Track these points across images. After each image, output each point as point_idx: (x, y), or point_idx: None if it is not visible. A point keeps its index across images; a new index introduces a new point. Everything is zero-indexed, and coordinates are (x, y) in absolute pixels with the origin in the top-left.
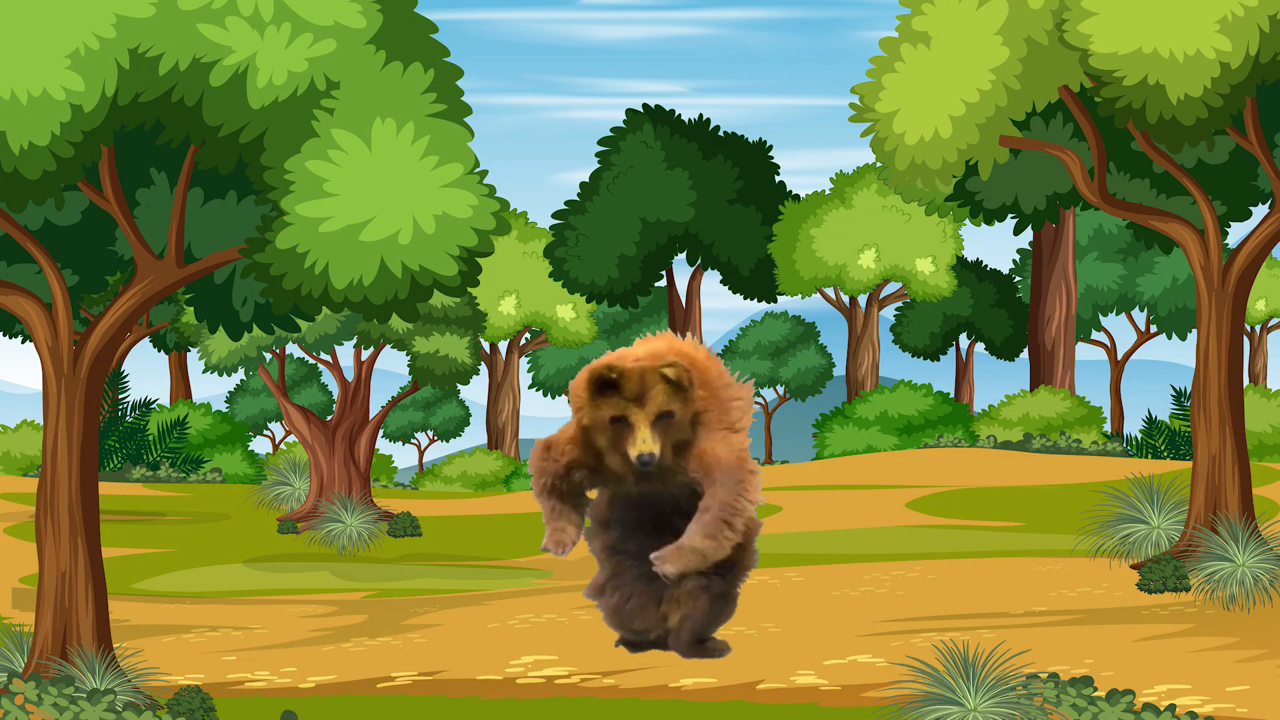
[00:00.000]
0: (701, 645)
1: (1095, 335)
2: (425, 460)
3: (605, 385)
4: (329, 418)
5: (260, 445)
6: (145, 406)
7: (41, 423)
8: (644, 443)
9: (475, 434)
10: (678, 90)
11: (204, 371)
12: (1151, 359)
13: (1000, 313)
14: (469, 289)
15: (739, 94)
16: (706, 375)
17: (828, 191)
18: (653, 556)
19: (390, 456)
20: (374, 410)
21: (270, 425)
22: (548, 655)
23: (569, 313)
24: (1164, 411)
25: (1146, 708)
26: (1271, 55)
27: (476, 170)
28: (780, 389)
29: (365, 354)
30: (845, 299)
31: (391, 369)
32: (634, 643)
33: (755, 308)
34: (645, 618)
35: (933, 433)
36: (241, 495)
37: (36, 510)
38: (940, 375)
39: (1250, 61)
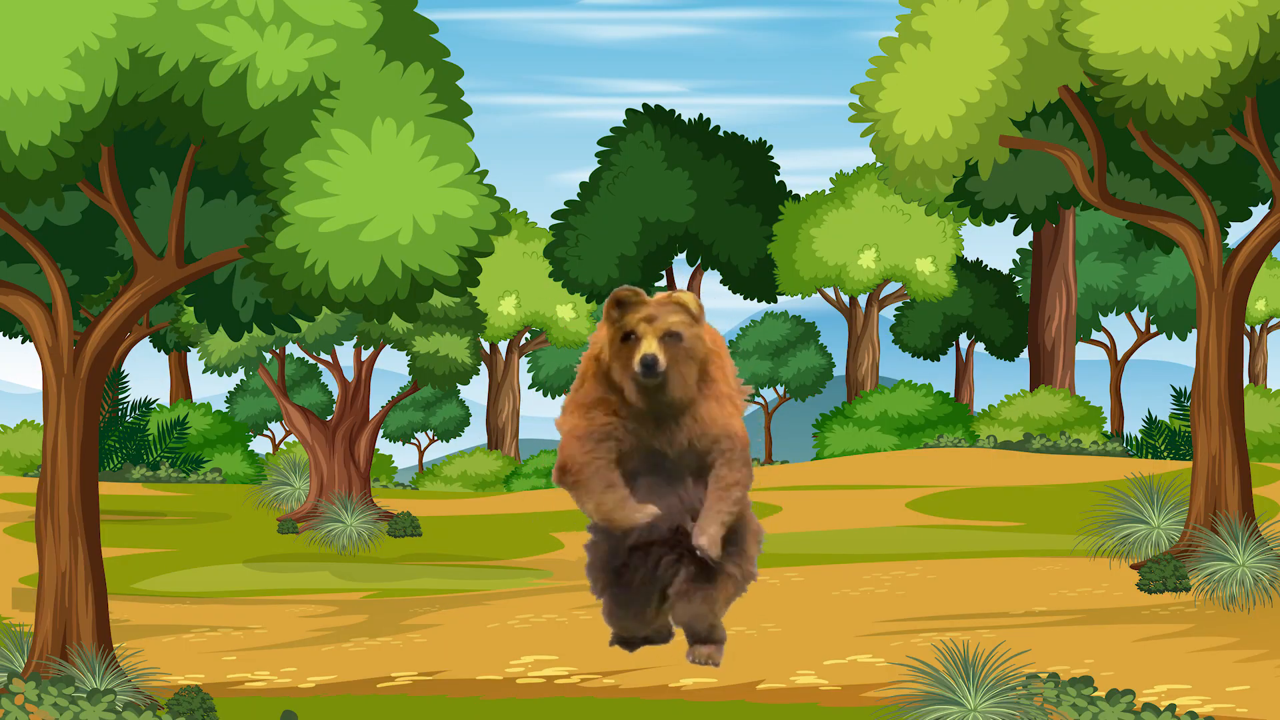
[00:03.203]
0: (703, 645)
1: (1095, 335)
2: (425, 460)
3: (624, 303)
4: (329, 418)
5: (260, 445)
6: (145, 406)
7: (41, 423)
8: (648, 347)
9: (475, 434)
10: (678, 90)
11: (204, 371)
12: (1151, 359)
13: (1000, 313)
14: (469, 289)
15: (739, 94)
16: (718, 342)
17: (828, 191)
18: (696, 542)
19: (390, 456)
20: (374, 410)
21: (270, 425)
22: (548, 655)
23: (569, 313)
24: (1164, 411)
25: (1146, 708)
26: (1271, 55)
27: (476, 170)
28: (780, 389)
29: (365, 354)
30: (845, 299)
31: (391, 369)
32: (628, 640)
33: (755, 308)
34: (643, 615)
35: (933, 433)
36: (241, 495)
37: (36, 510)
38: (940, 375)
39: (1250, 61)
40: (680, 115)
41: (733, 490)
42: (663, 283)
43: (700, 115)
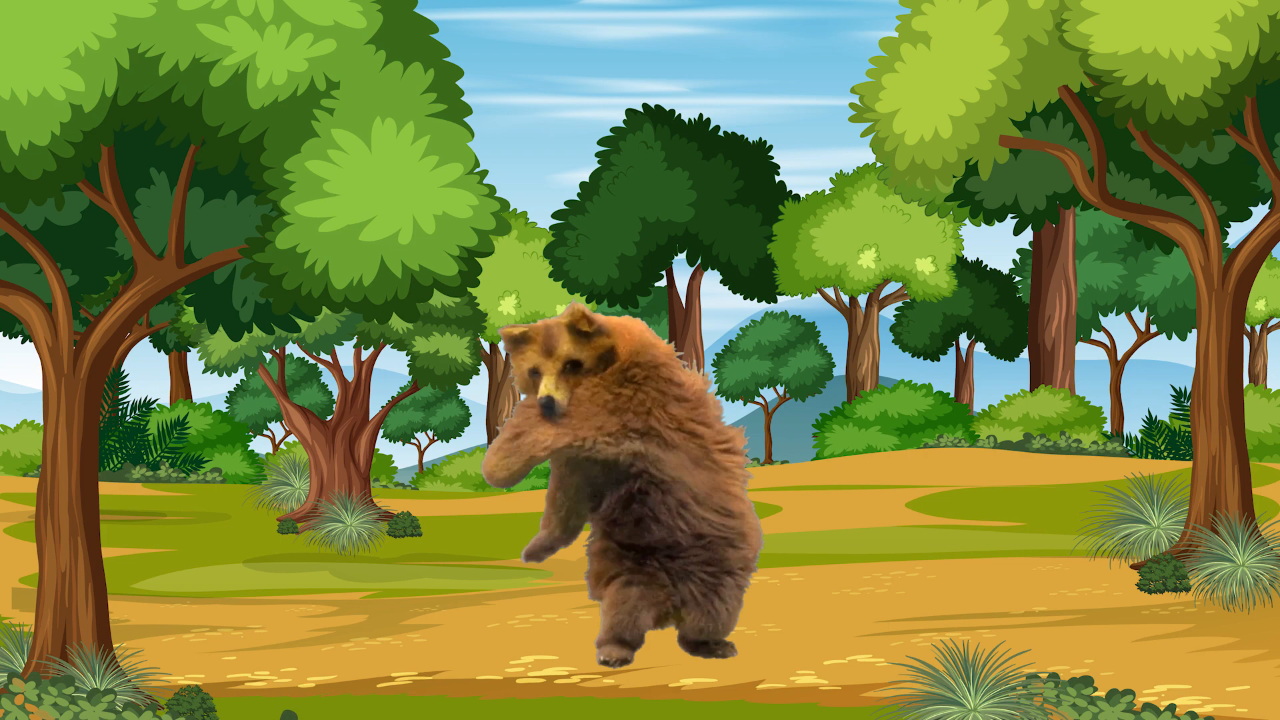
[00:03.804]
0: (707, 646)
1: (1095, 335)
2: (425, 460)
3: (516, 340)
4: (329, 418)
5: (260, 445)
6: (145, 406)
7: (41, 423)
8: (543, 387)
9: (475, 434)
10: (678, 90)
11: (204, 371)
12: (1151, 359)
13: (1000, 313)
14: (469, 289)
15: (739, 94)
16: (632, 336)
17: (828, 191)
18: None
19: (390, 456)
20: (374, 410)
21: (270, 425)
22: (548, 655)
23: None
24: (1164, 411)
25: (1146, 708)
26: (1271, 55)
27: (476, 170)
28: (780, 389)
29: (365, 354)
30: (845, 299)
31: (391, 369)
32: (616, 660)
33: (755, 308)
34: (643, 618)
35: (933, 433)
36: (241, 495)
37: (36, 510)
38: (940, 375)
39: (1250, 61)
40: (680, 115)
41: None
42: (663, 283)
43: (700, 115)
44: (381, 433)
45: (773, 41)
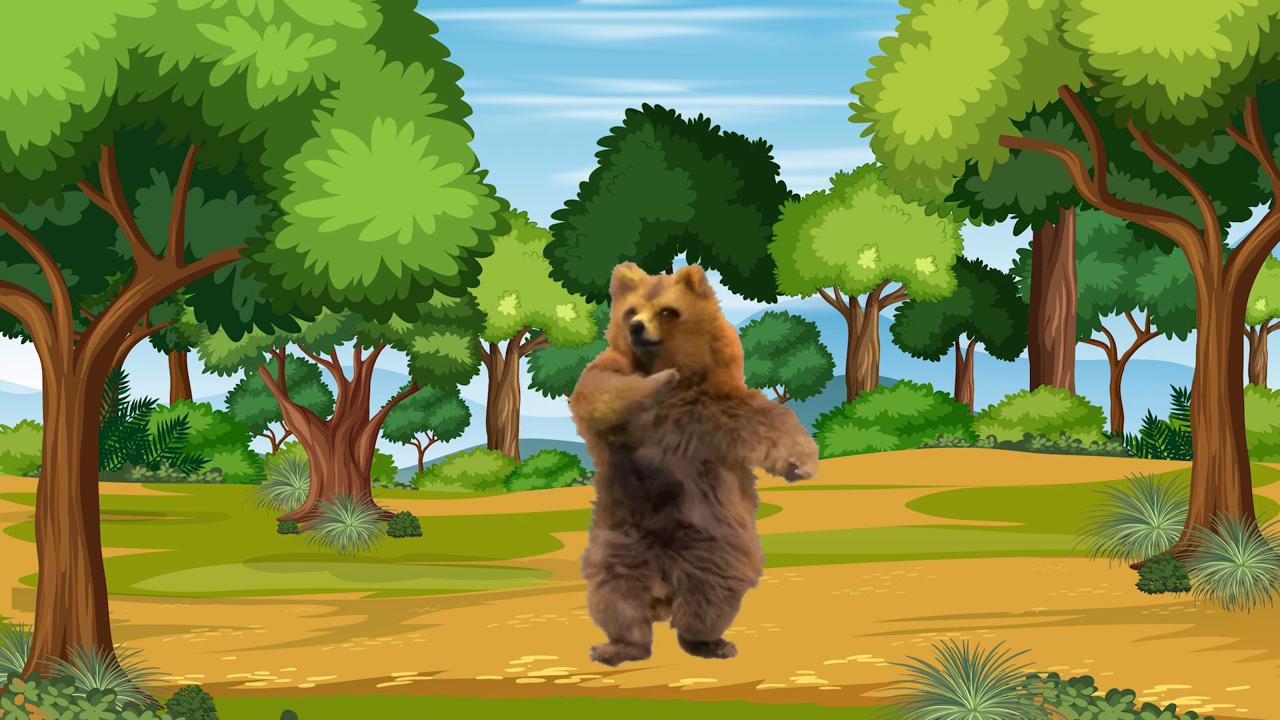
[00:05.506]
0: (707, 646)
1: (1095, 335)
2: (425, 460)
3: (624, 285)
4: (329, 418)
5: (260, 445)
6: (145, 406)
7: (41, 423)
8: (639, 317)
9: (475, 434)
10: (678, 90)
11: (204, 371)
12: (1151, 359)
13: (1000, 313)
14: (469, 289)
15: (739, 94)
16: (719, 323)
17: (828, 191)
18: (792, 463)
19: (390, 456)
20: (374, 410)
21: (270, 425)
22: (548, 655)
23: (569, 313)
24: (1164, 411)
25: (1146, 708)
26: (1271, 55)
27: (476, 170)
28: (780, 389)
29: (365, 354)
30: (845, 299)
31: (391, 369)
32: (612, 656)
33: (755, 308)
34: (639, 614)
35: (933, 433)
36: (241, 495)
37: (36, 510)
38: (940, 375)
39: (1250, 61)
40: (680, 115)
41: (772, 417)
42: None
43: (700, 115)
44: (381, 433)
45: (773, 41)
